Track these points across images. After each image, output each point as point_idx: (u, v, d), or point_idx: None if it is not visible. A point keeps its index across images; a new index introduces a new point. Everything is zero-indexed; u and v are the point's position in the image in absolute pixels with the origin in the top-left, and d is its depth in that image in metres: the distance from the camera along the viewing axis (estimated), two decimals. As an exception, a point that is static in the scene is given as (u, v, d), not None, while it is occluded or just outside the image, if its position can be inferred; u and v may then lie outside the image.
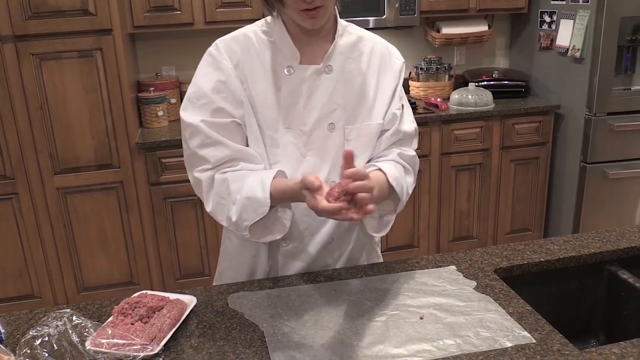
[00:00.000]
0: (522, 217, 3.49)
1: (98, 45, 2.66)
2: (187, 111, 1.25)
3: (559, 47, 3.32)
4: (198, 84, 1.25)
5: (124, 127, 2.78)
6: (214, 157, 1.23)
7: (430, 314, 1.16)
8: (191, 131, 1.24)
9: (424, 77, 3.53)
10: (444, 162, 3.27)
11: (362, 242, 1.42)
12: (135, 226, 2.92)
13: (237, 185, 1.21)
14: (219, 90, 1.23)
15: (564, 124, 3.38)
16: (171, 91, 3.20)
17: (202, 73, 1.26)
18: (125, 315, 1.12)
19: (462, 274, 1.32)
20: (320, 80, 1.26)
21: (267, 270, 1.37)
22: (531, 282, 1.36)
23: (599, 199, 3.28)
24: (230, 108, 1.24)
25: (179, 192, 2.92)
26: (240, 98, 1.24)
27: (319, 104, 1.26)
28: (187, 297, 1.23)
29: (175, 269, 3.06)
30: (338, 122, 1.28)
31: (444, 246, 3.42)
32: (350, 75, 1.29)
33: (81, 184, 2.81)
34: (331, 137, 1.28)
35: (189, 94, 1.26)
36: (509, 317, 1.14)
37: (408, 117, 1.39)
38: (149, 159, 2.85)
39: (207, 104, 1.23)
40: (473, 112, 3.22)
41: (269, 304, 1.22)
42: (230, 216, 1.22)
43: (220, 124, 1.23)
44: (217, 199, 1.24)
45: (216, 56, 1.24)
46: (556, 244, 1.45)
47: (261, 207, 1.18)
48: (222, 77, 1.23)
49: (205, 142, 1.23)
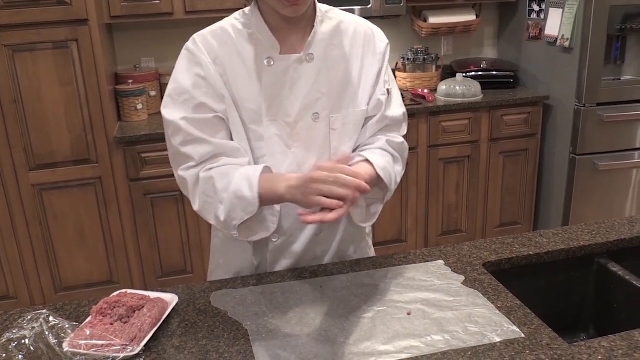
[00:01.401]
0: (511, 210, 3.52)
1: (74, 36, 2.63)
2: (168, 108, 1.25)
3: (547, 36, 3.34)
4: (178, 80, 1.25)
5: (101, 121, 2.75)
6: (197, 154, 1.23)
7: (417, 309, 1.17)
8: (173, 129, 1.23)
9: (411, 68, 3.54)
10: (431, 155, 3.29)
11: (351, 233, 1.42)
12: (115, 223, 2.90)
13: (224, 184, 1.20)
14: (199, 85, 1.23)
15: (553, 115, 3.40)
16: (150, 83, 3.18)
17: (181, 69, 1.25)
18: (104, 315, 1.12)
19: (450, 268, 1.32)
20: (302, 70, 1.26)
21: (256, 266, 1.37)
22: (520, 276, 1.37)
23: (588, 190, 3.32)
24: (211, 103, 1.23)
25: (160, 187, 2.90)
26: (222, 92, 1.23)
27: (302, 93, 1.26)
28: (169, 296, 1.22)
29: (157, 267, 3.05)
30: (322, 112, 1.28)
31: (432, 240, 3.44)
32: (333, 63, 1.29)
33: (58, 180, 2.78)
34: (316, 127, 1.28)
35: (169, 91, 1.26)
36: (497, 312, 1.14)
37: (396, 102, 1.38)
38: (128, 154, 2.83)
39: (188, 100, 1.23)
40: (461, 104, 3.23)
41: (253, 302, 1.22)
42: (218, 215, 1.22)
43: (203, 120, 1.23)
44: (204, 197, 1.23)
45: (194, 51, 1.24)
46: (545, 237, 1.46)
47: (249, 207, 1.18)
48: (202, 73, 1.23)
49: (187, 140, 1.23)
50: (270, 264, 1.36)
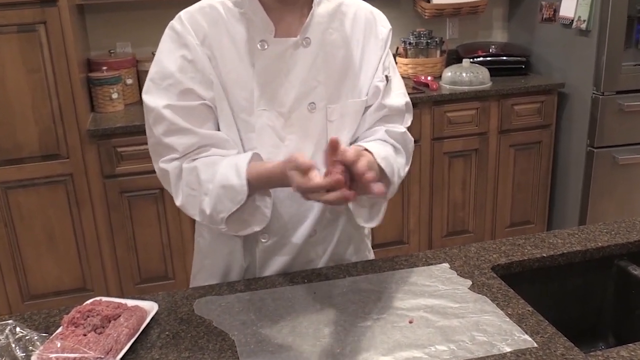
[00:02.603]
0: (522, 208, 3.54)
1: (41, 18, 2.61)
2: (150, 94, 1.24)
3: (562, 18, 3.35)
4: (162, 63, 1.24)
5: (72, 112, 2.75)
6: (182, 146, 1.23)
7: (420, 317, 1.17)
8: (155, 117, 1.23)
9: (413, 53, 3.54)
10: (435, 148, 3.29)
11: (349, 234, 1.43)
12: (88, 225, 2.90)
13: (209, 174, 1.21)
14: (185, 69, 1.23)
15: (568, 104, 3.42)
16: (127, 70, 3.17)
17: (166, 50, 1.25)
18: (76, 325, 1.12)
19: (455, 272, 1.33)
20: (298, 55, 1.26)
21: (245, 268, 1.37)
22: (532, 280, 1.38)
23: (607, 187, 3.33)
24: (199, 89, 1.23)
25: (138, 185, 2.90)
26: (210, 78, 1.24)
27: (298, 81, 1.26)
28: (148, 304, 1.22)
29: (134, 272, 3.04)
30: (319, 102, 1.28)
31: (437, 242, 3.45)
32: (331, 48, 1.29)
33: (24, 178, 2.77)
34: (312, 118, 1.28)
35: (151, 75, 1.25)
36: (507, 319, 1.15)
37: (397, 90, 1.39)
38: (103, 148, 2.82)
39: (173, 85, 1.23)
40: (468, 92, 3.24)
41: (241, 309, 1.22)
42: (203, 209, 1.22)
43: (188, 108, 1.23)
44: (187, 190, 1.23)
45: (180, 31, 1.24)
46: (560, 238, 1.47)
47: (238, 196, 1.18)
48: (188, 55, 1.23)
49: (171, 129, 1.23)
50: (260, 267, 1.36)
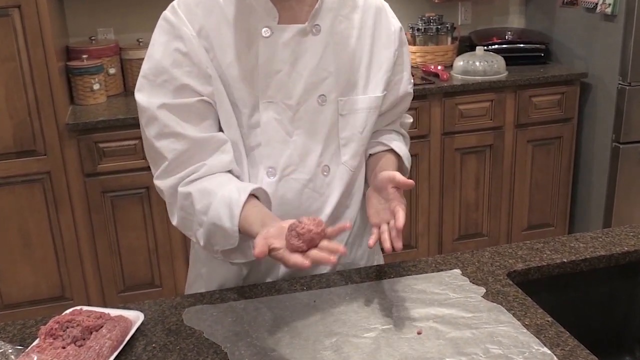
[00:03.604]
0: (541, 209, 3.54)
1: (15, 2, 2.61)
2: (143, 92, 1.26)
3: (585, 1, 3.35)
4: (154, 58, 1.25)
5: (50, 104, 2.75)
6: (173, 152, 1.24)
7: (430, 327, 1.17)
8: (148, 118, 1.25)
9: (422, 40, 3.54)
10: (446, 144, 3.30)
11: (360, 235, 1.46)
12: (67, 227, 2.90)
13: (203, 205, 1.23)
14: (180, 63, 1.24)
15: (592, 96, 3.42)
16: (109, 59, 3.17)
17: (159, 43, 1.26)
18: (54, 337, 1.12)
19: (468, 278, 1.33)
20: (307, 43, 1.27)
21: (244, 276, 1.38)
22: (552, 287, 1.38)
23: (634, 186, 3.33)
24: (195, 84, 1.24)
25: (121, 184, 2.90)
26: (207, 72, 1.25)
27: (307, 71, 1.27)
28: (132, 314, 1.22)
29: (118, 279, 3.05)
30: (330, 94, 1.30)
31: (447, 246, 3.45)
32: (341, 37, 1.31)
33: (-2, 176, 2.78)
34: (322, 111, 1.30)
35: (144, 71, 1.26)
36: (525, 330, 1.15)
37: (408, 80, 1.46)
38: (83, 144, 2.82)
39: (168, 81, 1.24)
40: (481, 83, 3.24)
41: (234, 320, 1.22)
42: (197, 238, 1.27)
43: (185, 106, 1.24)
44: (183, 214, 1.27)
45: (173, 22, 1.24)
46: (582, 242, 1.47)
47: (230, 239, 1.22)
48: (183, 48, 1.24)
49: (163, 132, 1.24)
50: (266, 271, 1.38)
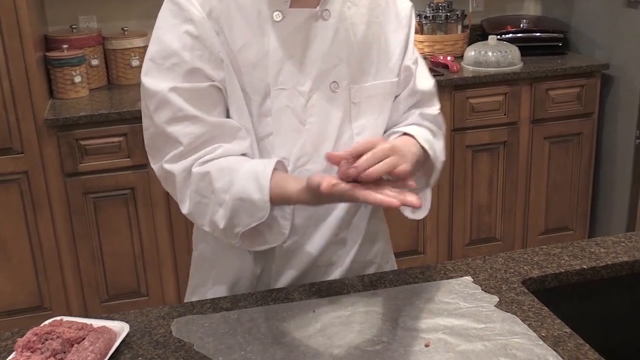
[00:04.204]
0: (559, 212, 3.54)
1: (-10, -12, 2.62)
2: (151, 76, 1.26)
3: (606, -13, 3.35)
4: (163, 41, 1.26)
5: (27, 98, 2.75)
6: (187, 137, 1.25)
7: (438, 339, 1.17)
8: (158, 102, 1.25)
9: (430, 29, 3.55)
10: (456, 141, 3.30)
11: (375, 231, 1.47)
12: (46, 231, 2.90)
13: (224, 182, 1.23)
14: (191, 47, 1.25)
15: (614, 89, 3.42)
16: (92, 49, 3.17)
17: (166, 26, 1.27)
18: (32, 350, 1.12)
19: (480, 286, 1.33)
20: (317, 28, 1.29)
21: (257, 275, 1.39)
22: (570, 296, 1.38)
23: (659, 186, 3.34)
24: (207, 68, 1.26)
25: (105, 184, 2.90)
26: (219, 56, 1.26)
27: (319, 58, 1.30)
28: (117, 324, 1.22)
29: (101, 287, 3.05)
30: (342, 81, 1.32)
31: (458, 251, 3.45)
32: (350, 23, 1.33)
33: (-29, 176, 2.78)
34: (335, 99, 1.32)
35: (151, 54, 1.27)
36: (541, 343, 1.15)
37: (423, 73, 1.45)
38: (63, 141, 2.82)
39: (178, 64, 1.24)
40: (494, 75, 3.24)
41: (227, 331, 1.22)
42: (215, 220, 1.25)
43: (197, 90, 1.25)
44: (198, 197, 1.26)
45: (183, 4, 1.25)
46: (603, 247, 1.47)
47: (259, 212, 1.21)
48: (194, 31, 1.25)
49: (177, 116, 1.24)
50: (277, 272, 1.39)
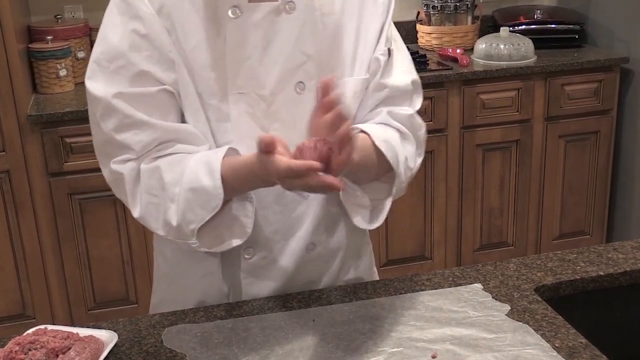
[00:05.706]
0: (575, 215, 3.54)
1: (-30, -25, 2.63)
2: (95, 80, 1.25)
3: (625, -24, 3.35)
4: (109, 40, 1.25)
5: (9, 93, 2.75)
6: (139, 143, 1.23)
7: (446, 350, 1.17)
8: (103, 109, 1.23)
9: (438, 20, 3.55)
10: (466, 139, 3.30)
11: (357, 245, 1.44)
12: (29, 235, 2.90)
13: (175, 174, 1.21)
14: (138, 47, 1.23)
15: (634, 84, 3.42)
16: (78, 41, 3.17)
17: (113, 24, 1.26)
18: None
19: (490, 294, 1.33)
20: (280, 23, 1.26)
21: (226, 293, 1.37)
22: (586, 304, 1.38)
23: (681, 188, 3.34)
24: (157, 71, 1.24)
25: (91, 184, 2.90)
26: (170, 56, 1.24)
27: (282, 56, 1.26)
28: (105, 333, 1.23)
29: (87, 294, 3.05)
30: (309, 81, 1.29)
31: (467, 257, 3.45)
32: (320, 15, 1.29)
33: (-51, 175, 2.78)
34: (301, 101, 1.29)
35: (96, 56, 1.26)
36: (555, 354, 1.16)
37: (400, 67, 1.39)
38: (48, 139, 2.82)
39: (124, 67, 1.23)
40: (507, 69, 3.24)
41: (221, 341, 1.22)
42: (168, 219, 1.22)
43: (145, 95, 1.23)
44: (148, 198, 1.24)
45: (130, 0, 1.24)
46: (622, 252, 1.47)
47: (212, 201, 1.19)
48: (142, 29, 1.23)
49: (125, 123, 1.23)
50: (245, 291, 1.37)
